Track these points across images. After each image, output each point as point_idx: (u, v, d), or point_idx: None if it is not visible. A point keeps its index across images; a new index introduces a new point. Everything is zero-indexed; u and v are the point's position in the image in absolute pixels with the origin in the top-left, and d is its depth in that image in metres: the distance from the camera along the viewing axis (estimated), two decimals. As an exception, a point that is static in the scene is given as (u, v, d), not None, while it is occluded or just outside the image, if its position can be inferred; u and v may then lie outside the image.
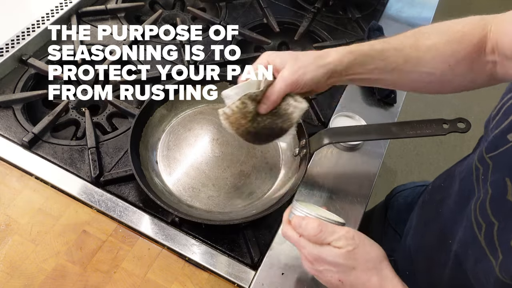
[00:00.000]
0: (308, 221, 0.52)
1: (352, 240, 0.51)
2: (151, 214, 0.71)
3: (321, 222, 0.52)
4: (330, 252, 0.51)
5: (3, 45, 0.86)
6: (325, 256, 0.51)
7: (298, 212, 0.55)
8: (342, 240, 0.50)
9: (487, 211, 0.48)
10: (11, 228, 0.66)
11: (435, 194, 0.68)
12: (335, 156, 0.83)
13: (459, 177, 0.59)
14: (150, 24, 0.98)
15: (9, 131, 0.77)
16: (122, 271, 0.65)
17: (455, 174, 0.62)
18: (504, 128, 0.48)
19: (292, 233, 0.55)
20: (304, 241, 0.53)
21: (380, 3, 1.17)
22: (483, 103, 2.32)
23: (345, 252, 0.50)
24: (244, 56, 0.96)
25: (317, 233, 0.51)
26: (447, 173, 0.67)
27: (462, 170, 0.59)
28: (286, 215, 0.58)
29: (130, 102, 0.87)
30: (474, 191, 0.52)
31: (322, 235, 0.51)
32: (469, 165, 0.56)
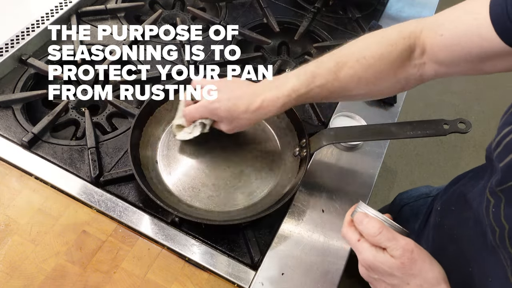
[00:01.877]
0: (371, 220, 0.51)
1: (410, 253, 0.48)
2: (151, 214, 0.71)
3: (384, 225, 0.50)
4: (385, 259, 0.49)
5: (2, 45, 0.86)
6: (379, 263, 0.49)
7: (362, 210, 0.53)
8: (399, 250, 0.48)
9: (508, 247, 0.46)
10: (10, 228, 0.66)
11: (447, 217, 0.67)
12: (335, 156, 0.83)
13: (471, 205, 0.58)
14: (150, 24, 0.98)
15: (8, 131, 0.77)
16: (122, 271, 0.65)
17: (466, 201, 0.60)
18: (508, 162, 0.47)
19: (352, 236, 0.53)
20: (362, 245, 0.51)
21: (380, 3, 1.17)
22: (483, 103, 2.32)
23: (399, 264, 0.48)
24: (244, 56, 0.96)
25: (377, 233, 0.49)
26: (456, 196, 0.66)
27: (474, 199, 0.57)
28: (348, 215, 0.56)
29: (130, 102, 0.87)
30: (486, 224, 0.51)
31: (382, 237, 0.49)
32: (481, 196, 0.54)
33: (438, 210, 0.71)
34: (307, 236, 0.72)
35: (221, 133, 0.81)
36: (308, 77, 0.64)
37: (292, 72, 0.67)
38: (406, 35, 0.60)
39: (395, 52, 0.60)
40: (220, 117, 0.69)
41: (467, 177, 0.68)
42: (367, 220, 0.51)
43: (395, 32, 0.62)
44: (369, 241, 0.51)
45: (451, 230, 0.63)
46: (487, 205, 0.51)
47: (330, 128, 0.83)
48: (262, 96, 0.65)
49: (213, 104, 0.68)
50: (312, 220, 0.73)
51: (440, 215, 0.69)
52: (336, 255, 0.70)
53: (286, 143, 0.81)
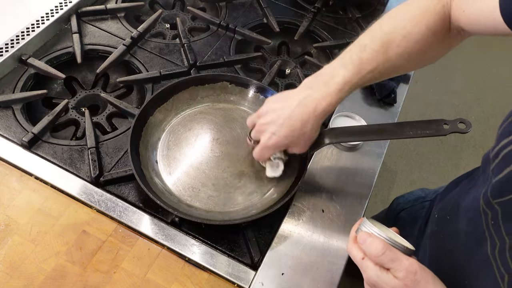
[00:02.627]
0: (374, 240, 0.50)
1: (413, 275, 0.47)
2: (151, 214, 0.71)
3: (387, 245, 0.49)
4: (388, 279, 0.49)
5: (2, 45, 0.86)
6: (383, 283, 0.49)
7: (366, 229, 0.53)
8: (402, 272, 0.48)
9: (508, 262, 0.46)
10: (10, 228, 0.66)
11: (442, 226, 0.66)
12: (335, 156, 0.83)
13: (465, 215, 0.57)
14: (150, 24, 0.98)
15: (8, 131, 0.77)
16: (122, 271, 0.65)
17: (460, 210, 0.60)
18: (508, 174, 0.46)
19: (356, 253, 0.52)
20: (366, 263, 0.51)
21: (380, 3, 1.17)
22: (483, 103, 2.32)
23: (403, 285, 0.48)
24: (244, 56, 0.96)
25: (380, 254, 0.49)
26: (451, 204, 0.65)
27: (468, 209, 0.57)
28: (353, 231, 0.56)
29: (130, 102, 0.87)
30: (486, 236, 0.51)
31: (384, 258, 0.49)
32: (475, 206, 0.53)
33: (436, 217, 0.70)
34: (307, 236, 0.72)
35: (221, 133, 0.81)
36: (357, 65, 0.61)
37: (335, 62, 0.63)
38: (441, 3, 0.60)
39: (437, 20, 0.59)
40: (285, 145, 0.66)
41: (462, 183, 0.67)
42: (370, 240, 0.50)
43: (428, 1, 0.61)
44: (372, 262, 0.51)
45: (446, 241, 0.63)
46: (485, 218, 0.50)
47: (330, 128, 0.83)
48: (312, 100, 0.62)
49: (270, 141, 0.65)
50: (312, 220, 0.73)
51: (437, 224, 0.69)
52: (336, 255, 0.70)
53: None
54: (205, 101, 0.85)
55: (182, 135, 0.80)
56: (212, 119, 0.83)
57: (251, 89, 0.85)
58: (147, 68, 0.91)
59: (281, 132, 0.64)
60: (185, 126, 0.82)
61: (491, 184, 0.49)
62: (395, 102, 0.93)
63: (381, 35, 0.61)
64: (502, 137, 0.49)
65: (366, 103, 0.92)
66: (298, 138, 0.65)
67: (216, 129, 0.82)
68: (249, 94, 0.85)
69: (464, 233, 0.57)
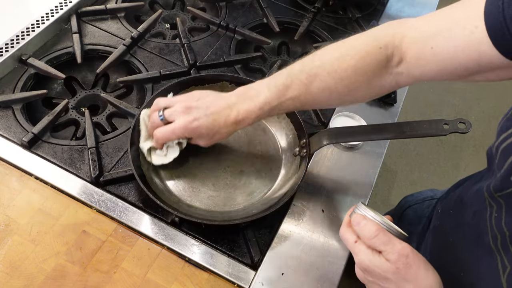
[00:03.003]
0: (368, 222, 0.50)
1: (405, 258, 0.48)
2: (151, 214, 0.71)
3: (380, 227, 0.50)
4: (380, 263, 0.49)
5: (2, 45, 0.86)
6: (375, 266, 0.49)
7: (360, 212, 0.53)
8: (394, 254, 0.48)
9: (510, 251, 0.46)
10: (10, 228, 0.66)
11: (445, 220, 0.67)
12: (335, 156, 0.83)
13: (470, 208, 0.57)
14: (150, 24, 0.98)
15: (8, 131, 0.77)
16: (122, 271, 0.65)
17: (464, 203, 0.60)
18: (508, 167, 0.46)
19: (349, 237, 0.53)
20: (358, 247, 0.51)
21: (380, 3, 1.17)
22: (483, 103, 2.32)
23: (394, 268, 0.48)
24: (244, 56, 0.96)
25: (373, 236, 0.49)
26: (455, 199, 0.65)
27: (473, 202, 0.57)
28: (347, 216, 0.56)
29: (130, 102, 0.87)
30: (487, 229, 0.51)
31: (377, 240, 0.49)
32: (480, 200, 0.54)
33: (439, 212, 0.71)
34: (307, 236, 0.72)
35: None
36: (280, 90, 0.63)
37: (264, 81, 0.65)
38: (382, 44, 0.57)
39: (369, 62, 0.58)
40: (201, 134, 0.67)
41: (469, 180, 0.68)
42: (364, 222, 0.51)
43: (370, 40, 0.60)
44: (365, 244, 0.51)
45: (448, 234, 0.63)
46: (490, 211, 0.51)
47: (330, 128, 0.83)
48: (236, 108, 0.65)
49: (193, 124, 0.65)
50: (312, 220, 0.74)
51: (440, 218, 0.69)
52: (336, 255, 0.70)
53: (286, 143, 0.81)
54: (205, 101, 0.85)
55: (182, 135, 0.80)
56: (212, 119, 0.83)
57: (251, 89, 0.85)
58: (147, 68, 0.91)
59: (205, 121, 0.65)
60: (185, 126, 0.82)
61: (495, 178, 0.50)
62: (395, 102, 0.93)
63: (309, 67, 0.62)
64: (501, 132, 0.49)
65: (366, 103, 0.92)
66: (212, 134, 0.67)
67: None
68: (249, 94, 0.85)
69: (467, 226, 0.57)
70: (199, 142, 0.70)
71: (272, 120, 0.83)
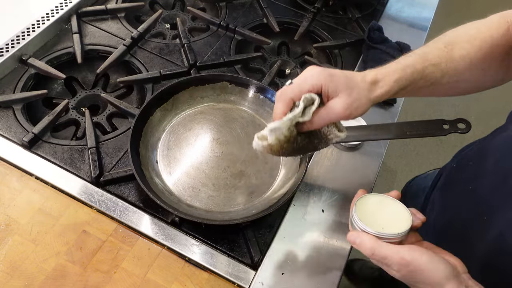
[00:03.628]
0: (362, 241, 0.51)
1: (406, 267, 0.49)
2: (151, 214, 0.71)
3: (375, 244, 0.50)
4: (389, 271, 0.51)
5: (3, 45, 0.86)
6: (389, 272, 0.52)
7: (354, 225, 0.53)
8: (395, 266, 0.49)
9: None
10: (11, 228, 0.66)
11: (462, 173, 0.68)
12: (335, 156, 0.83)
13: (493, 156, 0.59)
14: (150, 24, 0.98)
15: (9, 131, 0.77)
16: (122, 271, 0.65)
17: (487, 153, 0.61)
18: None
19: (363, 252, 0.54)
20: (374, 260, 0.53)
21: (380, 3, 1.17)
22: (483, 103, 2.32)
23: (402, 276, 0.50)
24: (244, 56, 0.96)
25: (370, 256, 0.51)
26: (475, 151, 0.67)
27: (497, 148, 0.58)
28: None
29: (130, 102, 0.87)
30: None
31: (376, 257, 0.50)
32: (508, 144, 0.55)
33: (454, 167, 0.72)
34: (307, 236, 0.72)
35: (221, 133, 0.81)
36: (420, 56, 0.59)
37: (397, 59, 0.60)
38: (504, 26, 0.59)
39: (502, 40, 0.60)
40: (337, 84, 0.54)
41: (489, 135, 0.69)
42: (359, 242, 0.52)
43: (497, 17, 0.61)
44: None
45: (467, 184, 0.64)
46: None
47: (330, 128, 0.83)
48: (375, 71, 0.58)
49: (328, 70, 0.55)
50: (312, 220, 0.74)
51: (455, 172, 0.71)
52: (336, 255, 0.70)
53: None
54: (205, 101, 0.85)
55: (182, 135, 0.81)
56: (212, 119, 0.83)
57: (251, 89, 0.85)
58: (147, 68, 0.91)
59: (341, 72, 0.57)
60: (185, 126, 0.82)
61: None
62: (395, 102, 0.93)
63: (444, 39, 0.61)
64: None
65: (366, 103, 0.92)
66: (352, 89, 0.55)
67: (216, 129, 0.82)
68: (249, 94, 0.85)
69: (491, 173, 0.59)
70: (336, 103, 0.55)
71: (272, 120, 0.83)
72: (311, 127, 0.56)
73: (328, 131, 0.59)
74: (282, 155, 0.59)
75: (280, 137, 0.56)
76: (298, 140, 0.58)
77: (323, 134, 0.59)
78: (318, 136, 0.59)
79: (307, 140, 0.58)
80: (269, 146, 0.57)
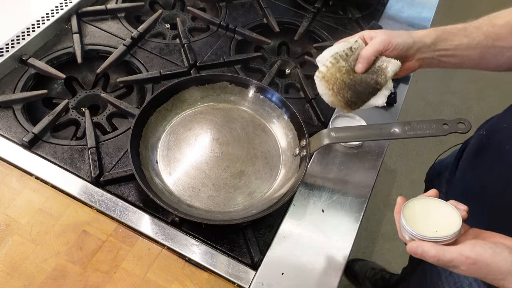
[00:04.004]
0: (423, 249, 0.51)
1: (473, 265, 0.49)
2: (151, 214, 0.71)
3: (437, 252, 0.50)
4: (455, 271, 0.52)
5: (3, 45, 0.86)
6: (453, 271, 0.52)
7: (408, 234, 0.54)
8: (463, 266, 0.50)
9: None
10: (11, 228, 0.66)
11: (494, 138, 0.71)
12: (335, 156, 0.83)
13: None
14: (150, 24, 0.98)
15: (9, 131, 0.77)
16: (122, 271, 0.65)
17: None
18: None
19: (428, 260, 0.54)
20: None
21: (380, 3, 1.17)
22: (483, 103, 2.32)
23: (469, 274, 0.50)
24: (244, 56, 0.96)
25: (436, 263, 0.51)
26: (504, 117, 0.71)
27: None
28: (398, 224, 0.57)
29: (130, 102, 0.87)
30: None
31: (442, 264, 0.51)
32: None
33: (484, 135, 0.74)
34: (307, 236, 0.72)
35: (221, 133, 0.81)
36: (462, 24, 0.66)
37: None
38: None
39: None
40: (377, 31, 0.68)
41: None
42: (421, 251, 0.52)
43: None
44: None
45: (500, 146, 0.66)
46: None
47: (330, 128, 0.83)
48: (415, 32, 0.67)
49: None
50: (312, 220, 0.74)
51: (487, 137, 0.73)
52: (336, 255, 0.70)
53: (286, 143, 0.81)
54: (205, 101, 0.85)
55: (182, 135, 0.81)
56: (212, 119, 0.83)
57: (251, 89, 0.85)
58: (147, 68, 0.91)
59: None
60: (185, 126, 0.82)
61: None
62: (395, 102, 0.93)
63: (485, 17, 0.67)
64: None
65: (366, 103, 0.92)
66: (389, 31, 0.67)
67: (216, 129, 0.82)
68: (249, 94, 0.85)
69: None
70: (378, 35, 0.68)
71: (272, 120, 0.84)
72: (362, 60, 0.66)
73: (380, 62, 0.66)
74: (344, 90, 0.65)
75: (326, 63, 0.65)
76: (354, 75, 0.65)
77: (377, 67, 0.66)
78: (373, 71, 0.66)
79: (364, 75, 0.65)
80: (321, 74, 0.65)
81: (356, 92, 0.65)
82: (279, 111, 0.83)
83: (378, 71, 0.65)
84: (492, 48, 0.65)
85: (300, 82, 0.93)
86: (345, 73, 0.64)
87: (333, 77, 0.64)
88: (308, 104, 0.90)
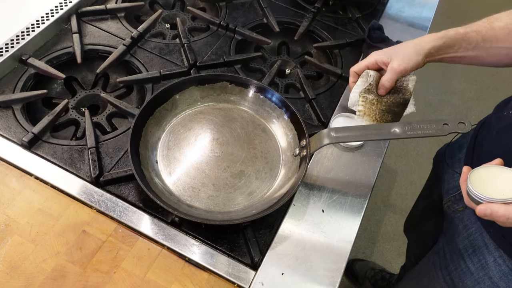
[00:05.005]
0: (492, 210, 0.54)
1: None
2: (151, 214, 0.71)
3: (506, 210, 0.53)
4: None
5: (3, 45, 0.86)
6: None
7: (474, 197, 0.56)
8: None
9: None
10: (10, 228, 0.66)
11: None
12: (335, 156, 0.83)
13: None
14: (150, 24, 0.98)
15: (8, 131, 0.77)
16: (122, 271, 0.65)
17: None
18: None
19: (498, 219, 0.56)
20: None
21: (380, 3, 1.17)
22: (483, 103, 2.32)
23: None
24: (244, 56, 0.96)
25: (506, 221, 0.53)
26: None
27: None
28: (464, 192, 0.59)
29: (130, 102, 0.87)
30: None
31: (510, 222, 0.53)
32: None
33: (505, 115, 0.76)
34: (307, 236, 0.72)
35: (221, 133, 0.81)
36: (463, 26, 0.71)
37: None
38: None
39: None
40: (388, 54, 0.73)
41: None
42: (490, 212, 0.54)
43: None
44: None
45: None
46: None
47: (330, 128, 0.83)
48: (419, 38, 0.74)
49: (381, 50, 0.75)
50: (312, 220, 0.74)
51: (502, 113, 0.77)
52: (336, 255, 0.70)
53: (286, 143, 0.81)
54: (205, 101, 0.85)
55: (182, 135, 0.81)
56: (212, 119, 0.83)
57: (251, 89, 0.85)
58: (147, 68, 0.91)
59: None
60: (185, 126, 0.82)
61: None
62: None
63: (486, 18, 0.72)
64: None
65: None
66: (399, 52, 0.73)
67: (216, 129, 0.82)
68: (249, 94, 0.85)
69: None
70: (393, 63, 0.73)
71: (272, 120, 0.84)
72: (384, 88, 0.74)
73: (399, 82, 0.75)
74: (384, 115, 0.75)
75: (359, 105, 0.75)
76: (385, 100, 0.75)
77: (399, 87, 0.75)
78: (397, 90, 0.75)
79: (393, 97, 0.75)
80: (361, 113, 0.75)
81: (393, 113, 0.75)
82: (279, 111, 0.83)
83: (402, 89, 0.75)
84: (490, 49, 0.72)
85: (300, 82, 0.93)
86: (378, 103, 0.74)
87: (371, 110, 0.75)
88: (308, 104, 0.90)
